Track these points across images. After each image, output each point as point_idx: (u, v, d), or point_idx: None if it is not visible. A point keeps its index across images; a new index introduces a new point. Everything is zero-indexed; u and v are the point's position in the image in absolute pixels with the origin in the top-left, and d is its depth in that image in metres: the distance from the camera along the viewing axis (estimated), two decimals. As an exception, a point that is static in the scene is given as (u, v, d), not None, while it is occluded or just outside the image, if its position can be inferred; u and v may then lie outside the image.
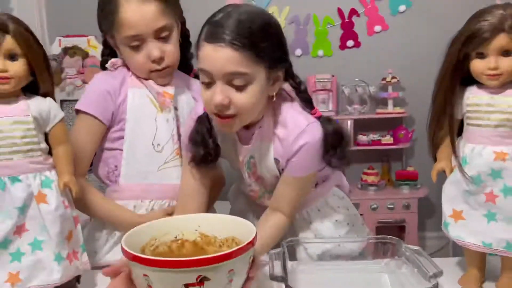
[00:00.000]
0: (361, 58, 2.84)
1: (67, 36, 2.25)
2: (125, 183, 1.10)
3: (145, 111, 1.10)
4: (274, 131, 0.99)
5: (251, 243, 0.68)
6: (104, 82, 1.09)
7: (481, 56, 0.83)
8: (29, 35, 0.80)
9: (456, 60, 0.85)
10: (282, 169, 1.00)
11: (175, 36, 1.09)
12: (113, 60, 1.14)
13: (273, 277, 0.82)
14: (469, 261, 0.93)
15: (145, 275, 0.67)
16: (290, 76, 0.97)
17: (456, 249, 2.54)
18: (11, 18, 0.79)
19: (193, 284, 0.67)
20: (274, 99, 0.96)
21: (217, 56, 0.85)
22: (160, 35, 1.05)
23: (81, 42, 2.33)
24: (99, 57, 1.27)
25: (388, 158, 2.89)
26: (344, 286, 0.94)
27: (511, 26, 0.80)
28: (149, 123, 1.10)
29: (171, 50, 1.08)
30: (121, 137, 1.10)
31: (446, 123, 0.90)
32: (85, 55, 2.23)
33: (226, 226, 0.79)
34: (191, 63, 1.23)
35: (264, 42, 0.87)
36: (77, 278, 0.89)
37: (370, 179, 2.71)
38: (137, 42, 1.05)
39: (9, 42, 0.78)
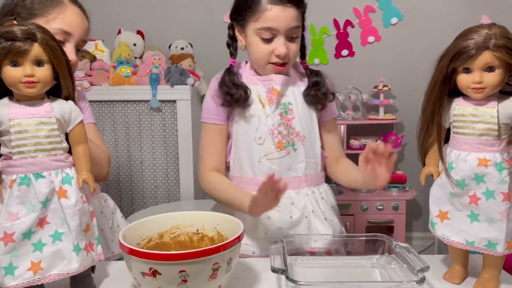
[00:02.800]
0: (355, 66, 2.93)
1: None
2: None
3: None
4: (300, 78, 1.26)
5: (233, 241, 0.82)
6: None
7: (467, 71, 0.90)
8: (54, 43, 0.86)
9: (444, 74, 0.92)
10: (320, 108, 1.26)
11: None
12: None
13: (274, 270, 0.88)
14: (453, 258, 1.00)
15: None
16: (303, 26, 1.20)
17: (440, 248, 2.64)
18: (38, 28, 0.85)
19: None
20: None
21: (285, 15, 1.12)
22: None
23: (89, 46, 2.38)
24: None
25: (379, 162, 2.96)
26: (338, 279, 1.01)
27: (495, 44, 0.86)
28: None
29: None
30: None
31: (434, 131, 0.97)
32: (93, 58, 2.28)
33: (237, 228, 0.88)
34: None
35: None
36: (92, 268, 0.94)
37: (361, 182, 2.78)
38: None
39: (36, 49, 0.83)
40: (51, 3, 1.09)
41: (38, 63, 0.85)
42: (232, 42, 1.24)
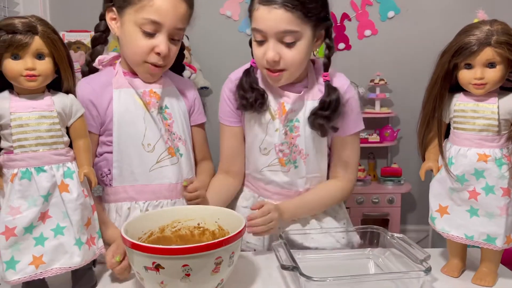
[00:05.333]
0: (351, 60, 2.92)
1: (71, 31, 2.26)
2: (119, 185, 1.09)
3: (132, 111, 1.07)
4: (319, 89, 1.11)
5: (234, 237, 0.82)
6: (84, 90, 1.04)
7: (469, 67, 0.91)
8: (55, 36, 0.85)
9: (446, 69, 0.93)
10: (320, 135, 1.11)
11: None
12: (100, 57, 1.12)
13: (285, 267, 0.88)
14: (451, 252, 1.02)
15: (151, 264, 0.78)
16: (328, 35, 1.08)
17: (434, 241, 2.67)
18: (39, 21, 0.84)
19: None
20: (317, 56, 1.10)
21: (271, 17, 0.98)
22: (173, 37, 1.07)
23: (84, 37, 2.35)
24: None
25: (374, 155, 2.98)
26: (336, 273, 1.02)
27: (496, 40, 0.87)
28: (137, 123, 1.07)
29: (175, 51, 1.09)
30: (111, 141, 1.08)
31: (435, 126, 0.98)
32: (88, 49, 2.25)
33: (237, 224, 0.88)
34: (183, 65, 1.24)
35: (312, 2, 1.00)
36: (93, 262, 0.94)
37: (357, 174, 2.80)
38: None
39: (37, 42, 0.82)
40: None
41: (39, 56, 0.84)
42: None
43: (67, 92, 0.91)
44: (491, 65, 0.89)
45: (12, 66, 0.82)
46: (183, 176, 1.14)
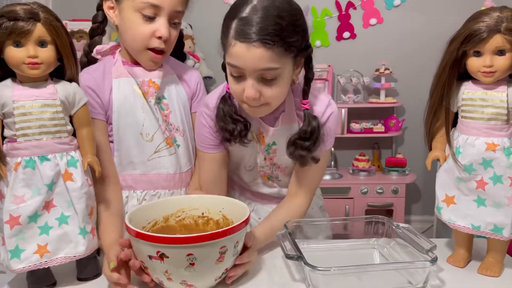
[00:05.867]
0: (356, 49, 2.90)
1: (74, 20, 2.25)
2: (118, 174, 1.08)
3: (131, 100, 1.06)
4: (297, 113, 1.06)
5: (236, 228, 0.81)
6: (85, 80, 1.03)
7: (478, 54, 0.89)
8: (57, 23, 0.84)
9: (454, 57, 0.91)
10: (299, 165, 1.06)
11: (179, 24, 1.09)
12: (98, 47, 1.11)
13: (289, 257, 0.87)
14: (457, 242, 1.01)
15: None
16: (308, 61, 1.00)
17: (439, 231, 2.66)
18: (41, 7, 0.83)
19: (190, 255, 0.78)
20: (297, 82, 1.01)
21: (250, 55, 0.87)
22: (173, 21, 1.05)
23: (86, 26, 2.34)
24: (104, 42, 1.18)
25: (379, 145, 2.98)
26: (338, 262, 1.01)
27: (506, 27, 0.85)
28: (136, 112, 1.07)
29: (175, 35, 1.07)
30: (111, 130, 1.07)
31: (442, 115, 0.97)
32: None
33: (242, 213, 0.88)
34: (184, 52, 1.22)
35: (293, 36, 0.89)
36: (98, 251, 0.95)
37: (361, 164, 2.80)
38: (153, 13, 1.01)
39: (39, 29, 0.81)
40: None
41: (42, 43, 0.83)
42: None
43: (70, 81, 0.90)
44: (501, 52, 0.87)
45: (14, 53, 0.81)
46: (181, 167, 1.13)
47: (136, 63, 1.09)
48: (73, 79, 0.90)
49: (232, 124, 1.02)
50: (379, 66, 2.82)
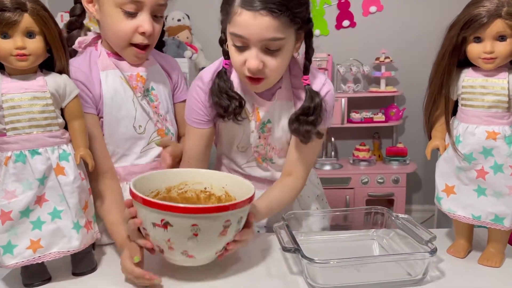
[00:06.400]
0: (356, 38, 2.87)
1: (69, 12, 2.22)
2: None
3: (121, 93, 1.04)
4: (293, 91, 1.05)
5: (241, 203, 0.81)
6: (73, 73, 0.97)
7: (478, 40, 0.87)
8: (45, 13, 0.82)
9: (454, 43, 0.89)
10: (302, 141, 1.04)
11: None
12: (80, 39, 1.08)
13: (286, 249, 0.86)
14: (458, 232, 0.99)
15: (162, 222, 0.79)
16: (309, 36, 0.99)
17: (440, 221, 2.65)
18: None
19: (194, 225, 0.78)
20: (297, 57, 1.01)
21: (257, 24, 0.87)
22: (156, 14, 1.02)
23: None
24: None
25: (379, 135, 2.95)
26: (339, 254, 1.00)
27: (507, 12, 0.83)
28: (127, 105, 1.05)
29: (159, 29, 1.04)
30: (102, 123, 1.04)
31: (442, 104, 0.95)
32: (87, 30, 2.21)
33: (246, 190, 0.88)
34: (164, 40, 1.21)
35: (298, 7, 0.90)
36: (93, 245, 0.93)
37: (362, 154, 2.78)
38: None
39: (27, 20, 0.79)
40: None
41: (29, 34, 0.81)
42: (226, 39, 0.99)
43: (60, 72, 0.88)
44: (502, 38, 0.85)
45: (1, 45, 0.79)
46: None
47: (120, 55, 1.07)
48: (64, 70, 0.88)
49: (227, 100, 1.00)
50: (379, 55, 2.79)
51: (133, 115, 1.06)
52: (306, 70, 1.01)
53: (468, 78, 0.91)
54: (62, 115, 0.88)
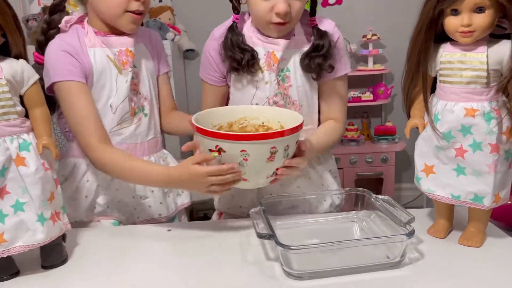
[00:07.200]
0: (342, 15, 2.79)
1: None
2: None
3: (107, 71, 1.06)
4: (306, 37, 1.09)
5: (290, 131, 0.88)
6: (60, 45, 1.03)
7: (455, 12, 0.83)
8: None
9: (431, 17, 0.85)
10: (315, 78, 1.09)
11: None
12: (66, 18, 1.08)
13: (261, 236, 0.85)
14: (438, 212, 0.97)
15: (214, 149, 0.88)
16: None
17: (429, 200, 2.64)
18: None
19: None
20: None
21: None
22: None
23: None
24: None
25: (368, 114, 2.93)
26: (319, 238, 0.98)
27: None
28: (110, 84, 1.06)
29: None
30: None
31: (420, 81, 0.91)
32: (66, 14, 2.14)
33: (297, 121, 0.93)
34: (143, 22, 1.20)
35: None
36: (63, 237, 0.90)
37: (350, 134, 2.76)
38: None
39: (-24, 2, 0.75)
40: None
41: (-20, 18, 0.76)
42: None
43: (17, 57, 0.83)
44: (480, 9, 0.81)
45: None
46: (143, 136, 1.14)
47: (108, 33, 1.07)
48: (21, 55, 0.84)
49: (240, 53, 1.04)
50: (366, 32, 2.74)
51: (112, 94, 1.06)
52: (313, 12, 1.08)
53: (446, 53, 0.88)
54: (22, 103, 0.84)
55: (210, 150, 0.88)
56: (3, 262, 0.83)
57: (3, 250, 0.81)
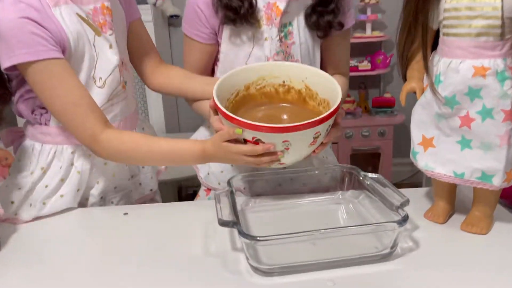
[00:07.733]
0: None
1: None
2: (56, 126, 0.91)
3: (81, 35, 0.86)
4: None
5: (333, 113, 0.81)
6: (21, 10, 0.79)
7: None
8: None
9: (433, -48, 0.70)
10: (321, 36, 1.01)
11: None
12: None
13: (223, 223, 0.71)
14: (437, 193, 0.84)
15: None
16: None
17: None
18: None
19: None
20: None
21: None
22: None
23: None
24: None
25: (365, 84, 2.78)
26: (297, 223, 0.84)
27: None
28: (89, 51, 0.88)
29: None
30: None
31: (419, 34, 0.77)
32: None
33: (327, 86, 0.88)
34: None
35: None
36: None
37: (346, 107, 2.61)
38: None
39: None
40: None
41: None
42: None
43: None
44: None
45: None
46: (130, 109, 1.01)
47: None
48: None
49: (239, 0, 0.94)
50: (364, -5, 2.55)
51: (93, 63, 0.88)
52: None
53: (451, -1, 0.72)
54: None
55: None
56: None
57: None
